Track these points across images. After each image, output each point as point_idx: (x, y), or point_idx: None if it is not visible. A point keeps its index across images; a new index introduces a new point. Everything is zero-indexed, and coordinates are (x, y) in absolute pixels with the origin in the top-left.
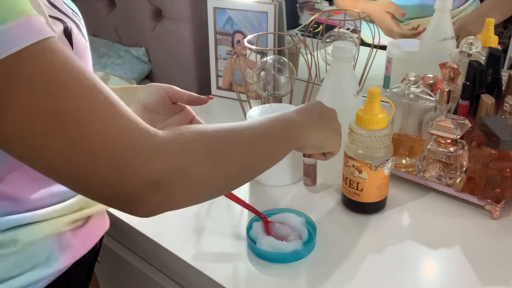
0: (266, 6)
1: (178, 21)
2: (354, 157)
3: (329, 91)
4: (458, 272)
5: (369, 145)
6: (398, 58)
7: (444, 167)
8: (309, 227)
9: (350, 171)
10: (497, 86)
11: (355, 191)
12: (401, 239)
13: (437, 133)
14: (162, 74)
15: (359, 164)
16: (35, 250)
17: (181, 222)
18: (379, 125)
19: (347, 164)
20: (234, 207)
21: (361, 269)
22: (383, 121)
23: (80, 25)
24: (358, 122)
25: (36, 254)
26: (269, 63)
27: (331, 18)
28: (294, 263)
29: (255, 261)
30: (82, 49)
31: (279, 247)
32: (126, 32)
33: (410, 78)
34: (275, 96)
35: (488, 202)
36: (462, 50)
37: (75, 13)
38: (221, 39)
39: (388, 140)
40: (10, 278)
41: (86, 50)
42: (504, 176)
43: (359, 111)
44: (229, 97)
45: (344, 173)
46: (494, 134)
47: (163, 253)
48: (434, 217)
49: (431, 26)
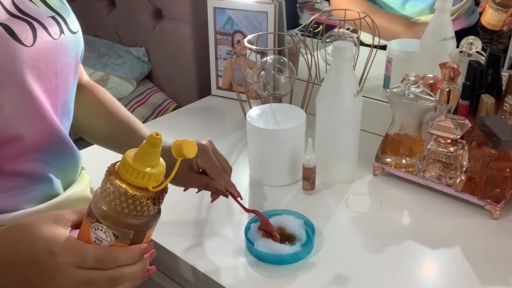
0: (266, 6)
1: (178, 21)
2: None
3: (329, 91)
4: (458, 272)
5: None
6: (398, 58)
7: (444, 167)
8: (307, 229)
9: None
10: (497, 86)
11: None
12: (401, 239)
13: (437, 133)
14: (162, 74)
15: None
16: None
17: (181, 223)
18: None
19: None
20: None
21: (361, 270)
22: None
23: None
24: None
25: None
26: (269, 63)
27: (331, 18)
28: (292, 265)
29: (254, 263)
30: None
31: (277, 249)
32: (126, 32)
33: (410, 78)
34: (275, 96)
35: (488, 202)
36: (462, 50)
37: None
38: (221, 39)
39: None
40: None
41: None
42: (504, 176)
43: None
44: (229, 97)
45: None
46: (494, 134)
47: (163, 254)
48: (434, 217)
49: (431, 26)
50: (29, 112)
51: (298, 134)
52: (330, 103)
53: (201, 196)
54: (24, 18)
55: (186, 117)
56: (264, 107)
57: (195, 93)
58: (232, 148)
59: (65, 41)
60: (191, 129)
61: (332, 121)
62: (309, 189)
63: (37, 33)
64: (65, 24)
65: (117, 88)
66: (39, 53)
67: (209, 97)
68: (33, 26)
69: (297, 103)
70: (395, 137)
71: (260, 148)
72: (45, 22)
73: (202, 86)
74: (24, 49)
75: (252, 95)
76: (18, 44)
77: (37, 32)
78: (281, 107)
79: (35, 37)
